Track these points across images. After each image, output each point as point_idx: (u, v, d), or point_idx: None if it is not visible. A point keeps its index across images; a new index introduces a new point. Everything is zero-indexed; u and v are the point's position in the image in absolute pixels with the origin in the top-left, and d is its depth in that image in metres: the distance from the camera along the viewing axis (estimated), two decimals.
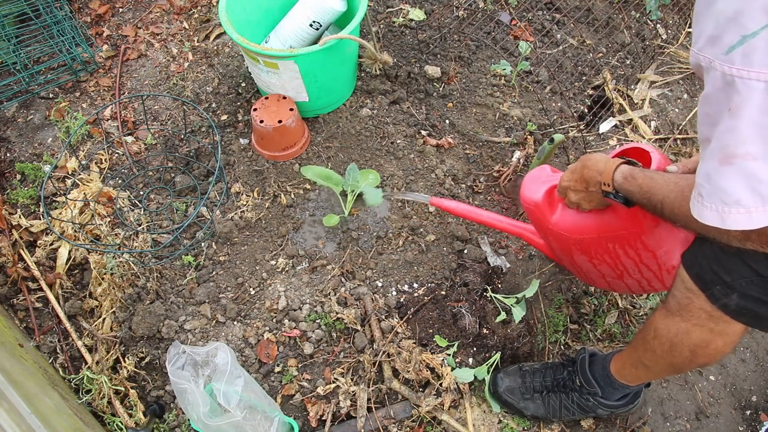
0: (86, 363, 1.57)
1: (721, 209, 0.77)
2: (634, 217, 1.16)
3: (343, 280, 1.67)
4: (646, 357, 1.19)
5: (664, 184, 1.00)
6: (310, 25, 1.82)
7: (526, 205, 1.37)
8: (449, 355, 1.55)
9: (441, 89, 2.07)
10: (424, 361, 1.51)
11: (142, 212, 1.78)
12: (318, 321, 1.59)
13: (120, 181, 1.87)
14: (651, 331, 1.14)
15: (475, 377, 1.52)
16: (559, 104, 2.09)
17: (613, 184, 1.09)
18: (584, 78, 2.17)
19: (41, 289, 1.68)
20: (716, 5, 0.73)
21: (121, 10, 2.35)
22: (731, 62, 0.71)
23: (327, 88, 1.84)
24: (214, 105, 2.03)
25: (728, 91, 0.73)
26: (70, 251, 1.71)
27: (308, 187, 1.83)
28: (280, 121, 1.74)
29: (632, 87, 2.17)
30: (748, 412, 1.59)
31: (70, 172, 1.87)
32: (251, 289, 1.66)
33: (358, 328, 1.58)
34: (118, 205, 1.78)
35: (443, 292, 1.65)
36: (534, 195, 1.33)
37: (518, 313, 1.55)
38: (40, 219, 1.79)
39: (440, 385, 1.49)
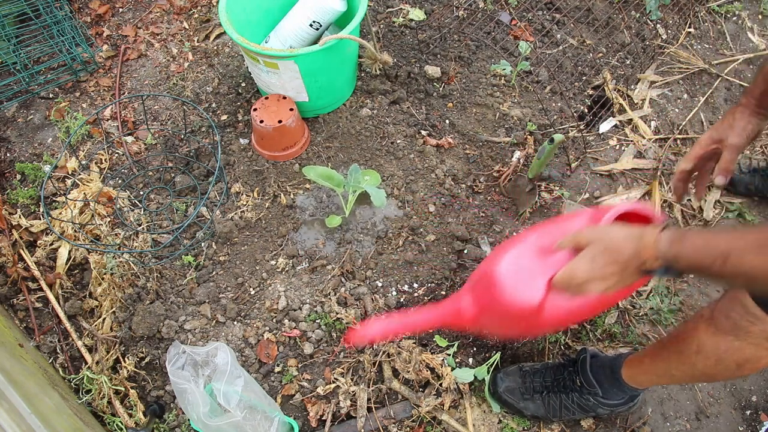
0: (86, 363, 1.57)
1: None
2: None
3: (343, 280, 1.67)
4: (679, 369, 1.15)
5: (727, 237, 0.86)
6: (310, 25, 1.82)
7: (517, 309, 1.04)
8: (449, 355, 1.55)
9: (441, 89, 2.07)
10: (424, 361, 1.51)
11: (142, 212, 1.78)
12: (318, 321, 1.59)
13: (120, 181, 1.87)
14: (693, 346, 1.09)
15: (475, 377, 1.52)
16: (559, 104, 2.09)
17: (661, 255, 0.91)
18: (584, 78, 2.17)
19: (41, 289, 1.68)
20: None
21: (121, 10, 2.35)
22: None
23: (327, 88, 1.84)
24: (214, 105, 2.03)
25: None
26: (70, 251, 1.71)
27: (308, 187, 1.83)
28: (280, 121, 1.74)
29: (632, 87, 2.17)
30: (748, 412, 1.59)
31: (70, 172, 1.87)
32: (251, 289, 1.66)
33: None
34: (118, 205, 1.78)
35: (443, 292, 1.65)
36: (532, 297, 1.01)
37: None
38: (40, 219, 1.79)
39: (440, 385, 1.49)
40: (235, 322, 1.60)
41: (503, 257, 1.07)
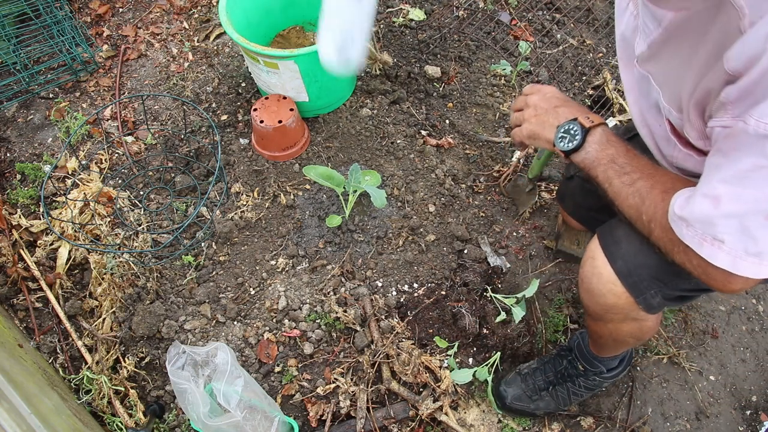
0: (86, 363, 1.57)
1: (739, 256, 0.76)
2: None
3: (343, 280, 1.67)
4: (608, 347, 1.32)
5: (622, 173, 0.95)
6: None
7: None
8: (450, 356, 1.54)
9: (441, 89, 2.07)
10: (423, 363, 1.51)
11: (142, 212, 1.78)
12: (318, 321, 1.59)
13: (120, 181, 1.87)
14: (595, 336, 1.28)
15: (475, 377, 1.52)
16: None
17: (594, 124, 1.01)
18: (584, 78, 2.17)
19: (41, 289, 1.68)
20: None
21: (121, 10, 2.35)
22: None
23: (327, 88, 1.84)
24: (214, 105, 2.03)
25: None
26: (70, 251, 1.71)
27: (308, 187, 1.83)
28: (280, 121, 1.74)
29: None
30: (748, 412, 1.59)
31: (70, 172, 1.87)
32: (251, 289, 1.66)
33: (358, 328, 1.58)
34: (118, 205, 1.78)
35: (443, 292, 1.65)
36: None
37: (518, 313, 1.55)
38: (40, 219, 1.79)
39: (438, 386, 1.49)
40: (235, 322, 1.60)
41: None
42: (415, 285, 1.68)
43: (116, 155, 1.93)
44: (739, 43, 0.70)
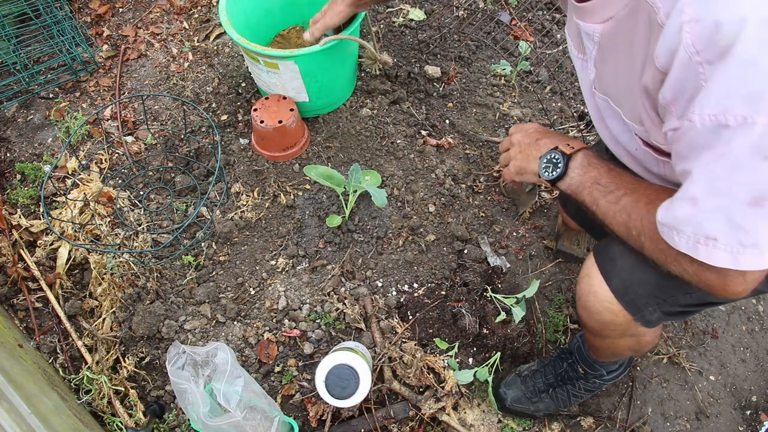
0: (86, 363, 1.57)
1: (736, 251, 0.74)
2: None
3: (343, 280, 1.67)
4: (606, 357, 1.33)
5: (607, 192, 0.95)
6: None
7: None
8: (450, 356, 1.54)
9: (441, 89, 2.07)
10: (426, 364, 1.51)
11: (142, 212, 1.78)
12: (318, 321, 1.59)
13: (120, 181, 1.87)
14: (593, 348, 1.30)
15: (476, 378, 1.52)
16: (559, 104, 2.09)
17: (575, 150, 1.03)
18: None
19: (41, 289, 1.68)
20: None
21: (121, 10, 2.35)
22: None
23: (327, 88, 1.84)
24: (214, 105, 2.03)
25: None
26: (70, 251, 1.71)
27: (308, 187, 1.83)
28: (280, 122, 1.74)
29: None
30: (748, 412, 1.59)
31: (70, 172, 1.87)
32: (251, 289, 1.66)
33: (362, 326, 1.58)
34: (118, 205, 1.78)
35: (443, 292, 1.65)
36: None
37: (518, 313, 1.55)
38: (40, 219, 1.79)
39: (441, 388, 1.49)
40: (235, 322, 1.60)
41: None
42: (415, 285, 1.68)
43: (116, 155, 1.93)
44: (661, 38, 0.68)
